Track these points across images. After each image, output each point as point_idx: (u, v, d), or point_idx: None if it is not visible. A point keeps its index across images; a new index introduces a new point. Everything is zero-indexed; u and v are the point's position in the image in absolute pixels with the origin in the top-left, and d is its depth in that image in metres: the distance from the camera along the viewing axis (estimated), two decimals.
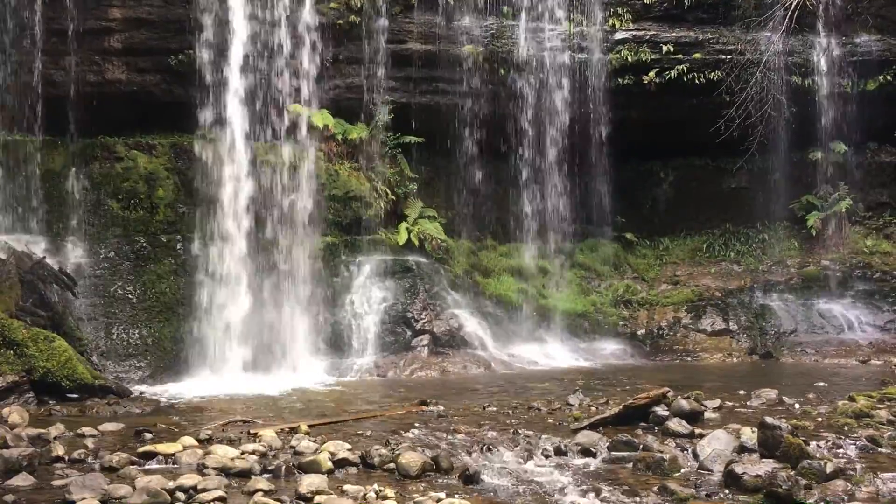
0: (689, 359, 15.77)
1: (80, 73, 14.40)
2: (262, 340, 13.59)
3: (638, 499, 6.38)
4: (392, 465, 7.24)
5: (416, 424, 9.02)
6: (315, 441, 8.02)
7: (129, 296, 13.32)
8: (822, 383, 11.92)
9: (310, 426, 8.83)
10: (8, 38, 13.79)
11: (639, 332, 16.61)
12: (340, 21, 15.62)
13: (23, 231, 13.24)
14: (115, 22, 14.53)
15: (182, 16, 14.53)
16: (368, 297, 14.85)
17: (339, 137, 15.68)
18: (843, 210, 17.59)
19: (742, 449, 7.51)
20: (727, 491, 6.52)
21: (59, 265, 12.76)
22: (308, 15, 15.07)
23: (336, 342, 14.34)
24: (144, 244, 13.65)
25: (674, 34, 17.17)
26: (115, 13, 14.48)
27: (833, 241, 17.62)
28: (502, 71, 16.74)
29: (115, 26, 14.55)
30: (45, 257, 12.39)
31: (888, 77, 17.30)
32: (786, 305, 16.83)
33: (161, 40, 14.75)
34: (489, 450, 7.80)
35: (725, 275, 17.75)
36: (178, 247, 13.78)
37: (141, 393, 11.67)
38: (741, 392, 10.93)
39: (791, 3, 16.89)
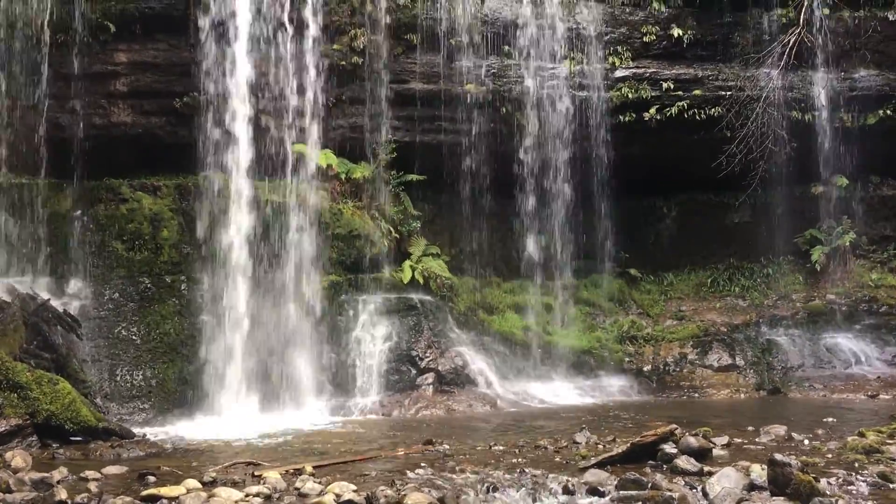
0: (696, 395, 15.65)
1: (86, 116, 14.57)
2: (267, 380, 13.54)
3: None
4: None
5: (422, 464, 8.93)
6: (320, 482, 7.94)
7: (134, 337, 13.30)
8: (830, 419, 11.81)
9: (314, 467, 8.75)
10: (15, 82, 13.96)
11: (645, 369, 16.51)
12: (344, 62, 15.80)
13: (28, 273, 13.28)
14: (122, 66, 14.73)
15: (187, 59, 14.72)
16: (373, 335, 14.82)
17: (343, 176, 15.78)
18: (847, 244, 17.58)
19: (752, 487, 7.42)
20: None
21: (64, 307, 12.76)
22: (312, 56, 15.25)
23: (340, 381, 14.27)
24: (149, 285, 13.67)
25: (673, 71, 17.33)
26: (121, 57, 14.69)
27: (838, 275, 17.59)
28: (504, 109, 16.88)
29: (122, 70, 14.76)
30: (49, 299, 12.39)
31: (888, 111, 17.42)
32: (792, 340, 16.74)
33: (166, 83, 14.94)
34: (496, 490, 7.72)
35: (731, 310, 17.69)
36: (183, 287, 13.79)
37: (144, 435, 11.56)
38: (749, 428, 10.83)
39: (789, 40, 17.07)
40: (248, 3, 14.58)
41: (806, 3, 17.15)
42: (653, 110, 17.17)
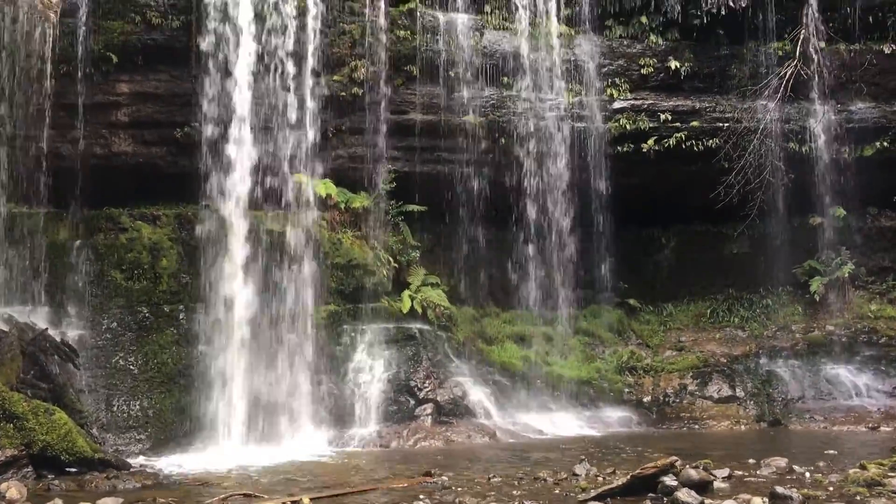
0: (696, 426, 15.56)
1: (87, 145, 14.65)
2: (265, 411, 13.46)
3: None
4: None
5: (421, 496, 8.86)
6: None
7: (131, 367, 13.25)
8: (832, 451, 11.74)
9: (312, 499, 8.68)
10: (17, 112, 14.04)
11: (644, 400, 16.42)
12: (344, 93, 15.91)
13: (26, 302, 13.26)
14: (123, 96, 14.85)
15: (188, 90, 14.83)
16: (371, 365, 14.75)
17: (342, 206, 15.81)
18: (846, 275, 17.59)
19: None
20: None
21: (62, 336, 12.74)
22: (312, 87, 15.35)
23: (339, 412, 14.18)
24: (147, 314, 13.64)
25: (671, 103, 17.46)
26: (123, 88, 14.81)
27: (837, 306, 17.57)
28: (503, 140, 16.97)
29: (123, 100, 14.87)
30: (47, 329, 12.37)
31: (885, 143, 17.52)
32: (792, 371, 16.69)
33: (167, 113, 15.05)
34: None
35: (730, 340, 17.65)
36: (181, 317, 13.77)
37: (141, 466, 11.49)
38: (750, 461, 10.76)
39: (786, 73, 17.22)
40: (249, 34, 14.72)
41: (802, 36, 17.31)
42: (651, 141, 17.27)
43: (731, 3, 16.99)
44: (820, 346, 17.10)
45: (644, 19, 17.39)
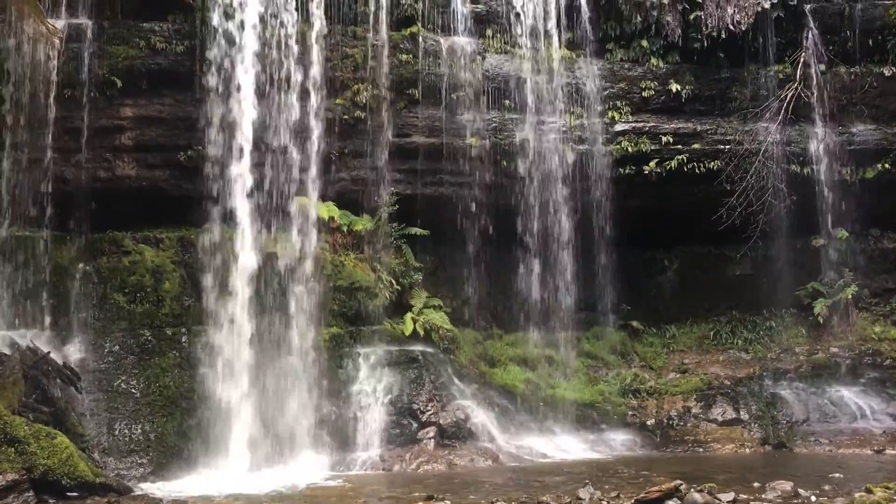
0: (700, 449, 15.46)
1: (91, 169, 14.72)
2: (267, 435, 13.41)
3: None
4: None
5: None
6: None
7: (133, 390, 13.22)
8: (837, 474, 11.66)
9: None
10: (22, 136, 14.13)
11: (648, 423, 16.33)
12: (346, 116, 16.00)
13: (29, 325, 13.27)
14: (127, 120, 14.94)
15: (192, 113, 14.91)
16: (374, 388, 14.71)
17: (345, 229, 15.85)
18: (849, 297, 17.56)
19: None
20: None
21: (64, 360, 12.72)
22: (315, 111, 15.44)
23: (341, 435, 14.12)
24: (149, 337, 13.63)
25: (672, 125, 17.52)
26: (127, 112, 14.91)
27: (841, 328, 17.52)
28: (505, 162, 17.02)
29: (127, 124, 14.96)
30: (49, 352, 12.36)
31: (886, 165, 17.56)
32: (797, 394, 16.61)
33: (171, 137, 15.12)
34: None
35: (734, 363, 17.58)
36: (183, 340, 13.75)
37: (142, 491, 11.44)
38: (755, 484, 10.69)
39: (786, 95, 17.31)
40: (252, 58, 14.83)
41: (802, 59, 17.42)
42: (653, 164, 17.32)
43: (731, 27, 17.12)
44: (824, 369, 17.03)
45: (645, 43, 17.50)
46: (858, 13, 17.64)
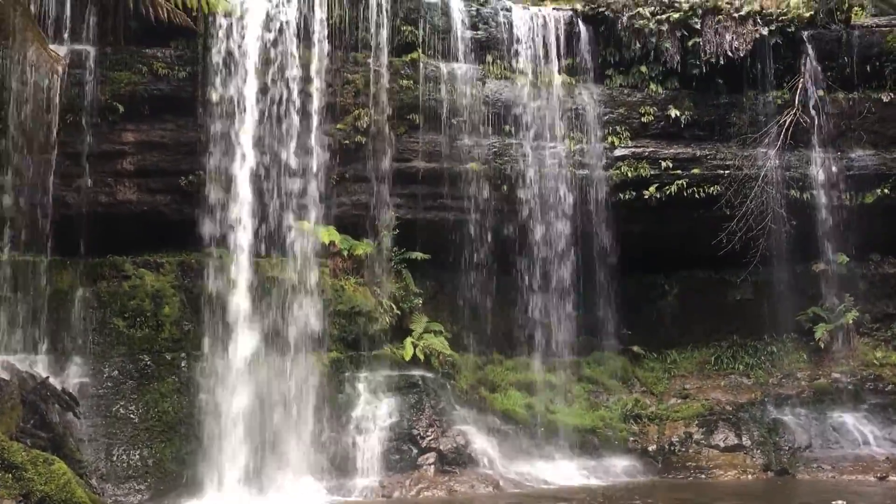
0: (702, 476, 15.35)
1: (92, 194, 14.76)
2: (265, 461, 13.32)
3: None
4: None
5: None
6: None
7: (132, 415, 13.16)
8: (840, 501, 11.56)
9: None
10: (23, 161, 14.18)
11: (650, 448, 16.23)
12: (347, 141, 16.06)
13: (28, 350, 13.23)
14: (129, 145, 15.00)
15: (193, 139, 14.99)
16: (373, 414, 14.63)
17: (345, 253, 15.84)
18: (850, 322, 17.52)
19: None
20: None
21: (62, 385, 12.68)
22: (316, 136, 15.51)
23: (340, 461, 14.02)
24: (149, 362, 13.60)
25: (672, 151, 17.58)
26: (129, 137, 14.97)
27: (842, 353, 17.46)
28: (505, 187, 17.06)
29: (129, 149, 15.02)
30: (48, 377, 12.32)
31: (885, 190, 17.59)
32: (799, 420, 16.51)
33: (173, 162, 15.18)
34: None
35: (735, 388, 17.50)
36: (183, 364, 13.72)
37: None
38: None
39: (785, 121, 17.38)
40: (254, 85, 14.93)
41: (801, 85, 17.51)
42: (652, 188, 17.35)
43: (730, 53, 17.24)
44: (826, 394, 16.94)
45: (644, 69, 17.60)
46: (856, 39, 17.76)
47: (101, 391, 13.22)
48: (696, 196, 17.41)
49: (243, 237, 14.33)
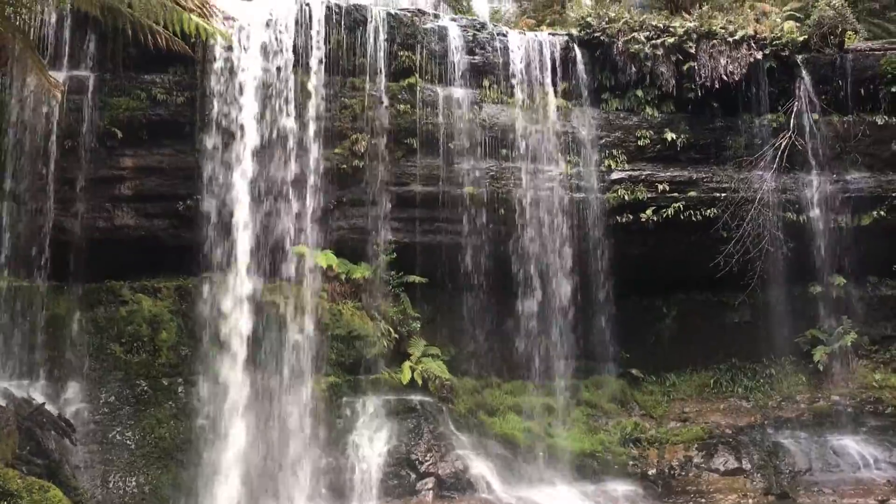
0: (703, 500, 15.24)
1: (89, 219, 14.77)
2: (263, 487, 13.25)
3: None
4: None
5: None
6: None
7: (128, 442, 13.09)
8: None
9: None
10: (21, 186, 14.21)
11: (650, 473, 16.13)
12: (345, 165, 16.09)
13: (24, 376, 13.20)
14: (127, 170, 15.04)
15: (191, 163, 15.03)
16: (371, 438, 14.56)
17: (343, 277, 15.84)
18: (849, 344, 17.50)
19: None
20: None
21: (59, 411, 12.63)
22: (313, 160, 15.57)
23: (338, 487, 13.93)
24: (145, 388, 13.55)
25: (668, 174, 17.63)
26: (127, 162, 15.02)
27: (841, 375, 17.43)
28: (502, 210, 17.07)
29: (127, 174, 15.05)
30: (44, 403, 12.28)
31: (881, 212, 17.64)
32: (799, 443, 16.44)
33: (171, 187, 15.20)
34: None
35: (735, 411, 17.44)
36: (180, 390, 13.67)
37: None
38: None
39: (780, 143, 17.46)
40: (252, 110, 15.01)
41: (795, 109, 17.60)
42: (649, 211, 17.39)
43: (725, 77, 17.34)
44: (826, 417, 16.89)
45: (639, 93, 17.70)
46: (850, 63, 17.88)
47: (97, 417, 13.16)
48: (693, 219, 17.43)
49: (241, 262, 14.34)
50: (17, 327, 13.51)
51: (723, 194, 17.44)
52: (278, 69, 15.45)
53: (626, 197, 17.39)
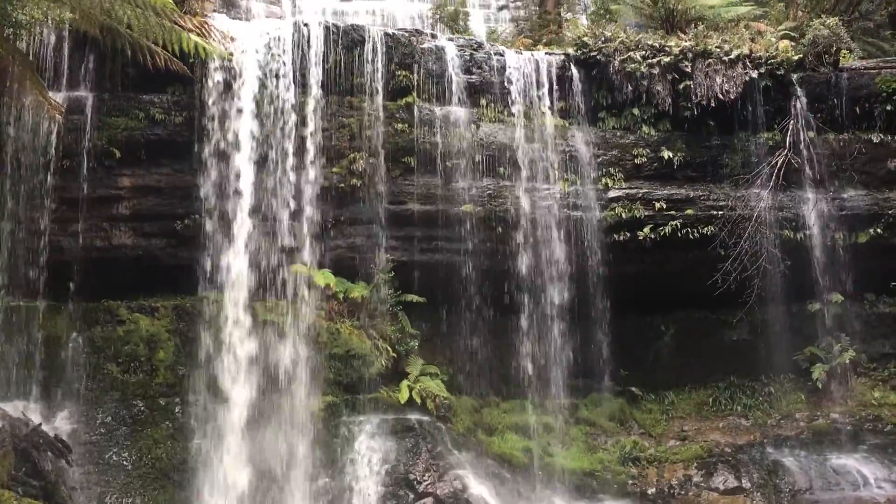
0: None
1: (87, 238, 14.78)
2: None
3: None
4: None
5: None
6: None
7: (125, 462, 13.03)
8: None
9: None
10: (20, 206, 14.23)
11: (649, 492, 16.04)
12: (342, 184, 16.12)
13: (20, 396, 13.15)
14: (125, 190, 15.08)
15: (189, 182, 15.08)
16: (369, 458, 14.49)
17: (341, 296, 15.83)
18: (847, 362, 17.46)
19: None
20: None
21: (55, 431, 12.58)
22: (311, 179, 15.61)
23: None
24: (142, 408, 13.51)
25: (665, 192, 17.66)
26: (125, 181, 15.06)
27: (840, 393, 17.38)
28: (500, 229, 17.09)
29: (125, 194, 15.09)
30: (40, 424, 12.21)
31: (878, 230, 17.65)
32: (798, 461, 16.36)
33: (168, 206, 15.24)
34: None
35: (734, 429, 17.37)
36: (177, 410, 13.63)
37: None
38: None
39: (777, 162, 17.51)
40: (250, 129, 15.08)
41: (791, 127, 17.67)
42: (647, 229, 17.40)
43: (720, 96, 17.43)
44: (825, 435, 16.81)
45: (636, 111, 17.77)
46: (845, 82, 17.98)
47: (94, 438, 13.11)
48: (691, 236, 17.44)
49: (239, 280, 14.36)
50: (13, 347, 13.47)
51: (720, 212, 17.46)
52: (276, 89, 15.53)
53: (624, 215, 17.41)
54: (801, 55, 18.04)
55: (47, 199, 14.20)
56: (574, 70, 17.94)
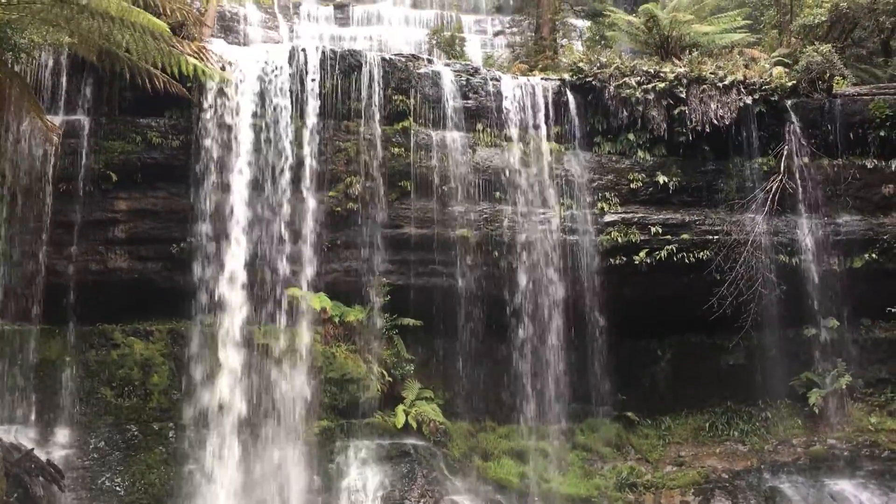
0: None
1: (83, 262, 14.77)
2: None
3: None
4: None
5: None
6: None
7: (117, 488, 12.93)
8: None
9: None
10: (15, 229, 14.20)
11: None
12: (339, 208, 16.14)
13: (14, 421, 13.05)
14: (121, 213, 15.09)
15: (185, 206, 15.09)
16: (364, 484, 14.38)
17: (336, 320, 15.78)
18: (843, 387, 17.39)
19: None
20: None
21: (48, 456, 12.47)
22: (308, 203, 15.62)
23: None
24: (136, 432, 13.43)
25: (661, 216, 17.69)
26: (121, 205, 15.07)
27: (837, 418, 17.29)
28: (496, 253, 17.09)
29: (121, 217, 15.10)
30: (33, 449, 12.13)
31: (873, 255, 17.67)
32: (796, 488, 16.25)
33: (164, 229, 15.24)
34: None
35: (731, 455, 17.26)
36: (171, 434, 13.54)
37: None
38: None
39: (771, 187, 17.58)
40: (247, 153, 15.11)
41: (786, 152, 17.76)
42: (643, 254, 17.41)
43: (715, 121, 17.54)
44: (822, 461, 16.70)
45: (631, 136, 17.86)
46: (838, 108, 18.09)
47: (86, 462, 13.00)
48: (686, 261, 17.45)
49: (234, 304, 14.31)
50: (6, 371, 13.38)
51: (715, 237, 17.49)
52: (273, 113, 15.59)
53: (620, 239, 17.43)
54: (794, 81, 18.18)
55: (43, 222, 14.17)
56: (570, 95, 18.05)
